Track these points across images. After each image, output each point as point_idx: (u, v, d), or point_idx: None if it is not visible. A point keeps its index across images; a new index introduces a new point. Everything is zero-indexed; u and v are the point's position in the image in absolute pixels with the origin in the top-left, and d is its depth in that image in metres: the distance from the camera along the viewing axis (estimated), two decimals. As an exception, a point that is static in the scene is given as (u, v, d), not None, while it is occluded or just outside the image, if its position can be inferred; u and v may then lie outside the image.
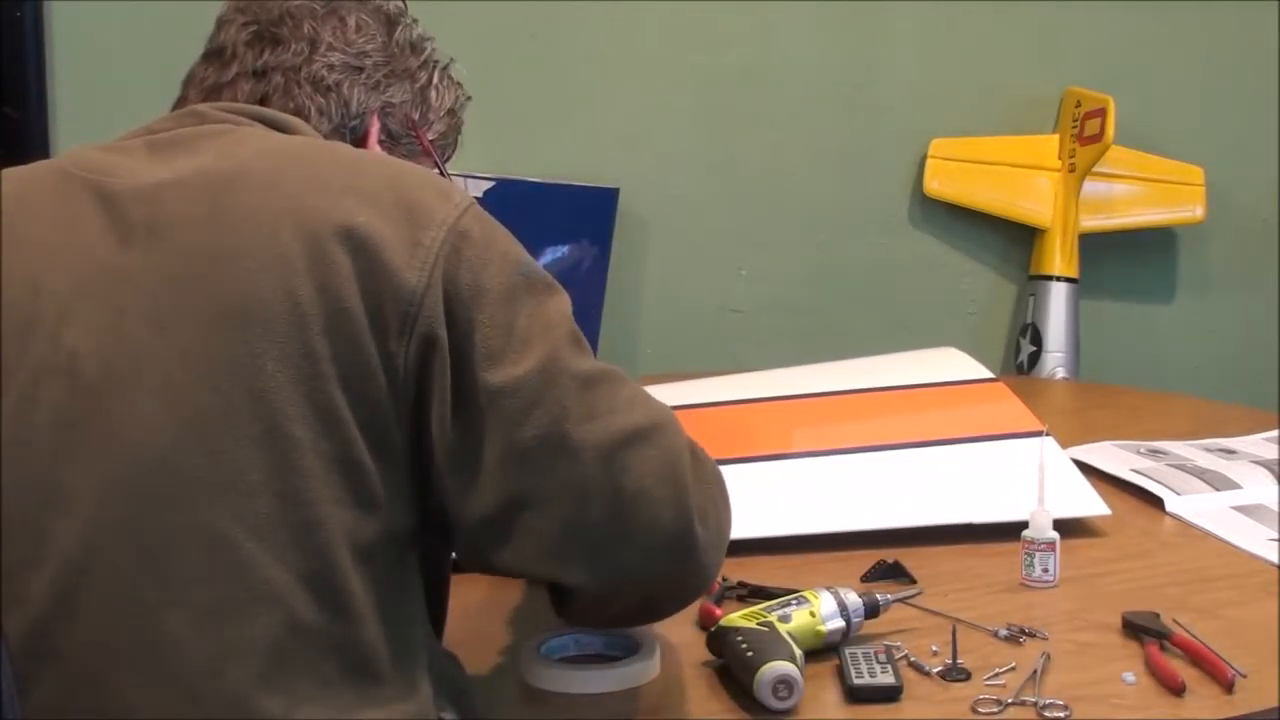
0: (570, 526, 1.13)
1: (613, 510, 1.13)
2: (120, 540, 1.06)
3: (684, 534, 1.15)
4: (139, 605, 1.06)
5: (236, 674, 1.05)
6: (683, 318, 2.78)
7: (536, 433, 1.12)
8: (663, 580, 1.19)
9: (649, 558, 1.15)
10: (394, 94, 1.34)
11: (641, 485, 1.13)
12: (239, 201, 1.12)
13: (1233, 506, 1.80)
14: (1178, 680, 1.30)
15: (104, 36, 2.47)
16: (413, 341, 1.10)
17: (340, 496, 1.08)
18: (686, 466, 1.16)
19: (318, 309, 1.08)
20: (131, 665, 1.05)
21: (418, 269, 1.10)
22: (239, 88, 1.28)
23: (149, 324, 1.09)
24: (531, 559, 1.16)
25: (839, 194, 2.84)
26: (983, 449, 1.85)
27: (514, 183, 2.56)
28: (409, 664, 1.13)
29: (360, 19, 1.33)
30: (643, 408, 1.16)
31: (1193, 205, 2.90)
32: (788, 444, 1.86)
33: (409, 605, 1.15)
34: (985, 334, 2.91)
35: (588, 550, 1.15)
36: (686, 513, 1.15)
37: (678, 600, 1.24)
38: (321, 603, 1.07)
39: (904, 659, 1.36)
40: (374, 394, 1.09)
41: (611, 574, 1.16)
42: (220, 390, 1.07)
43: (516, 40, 2.64)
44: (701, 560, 1.17)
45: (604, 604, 1.21)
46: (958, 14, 2.83)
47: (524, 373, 1.12)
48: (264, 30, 1.30)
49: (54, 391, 1.09)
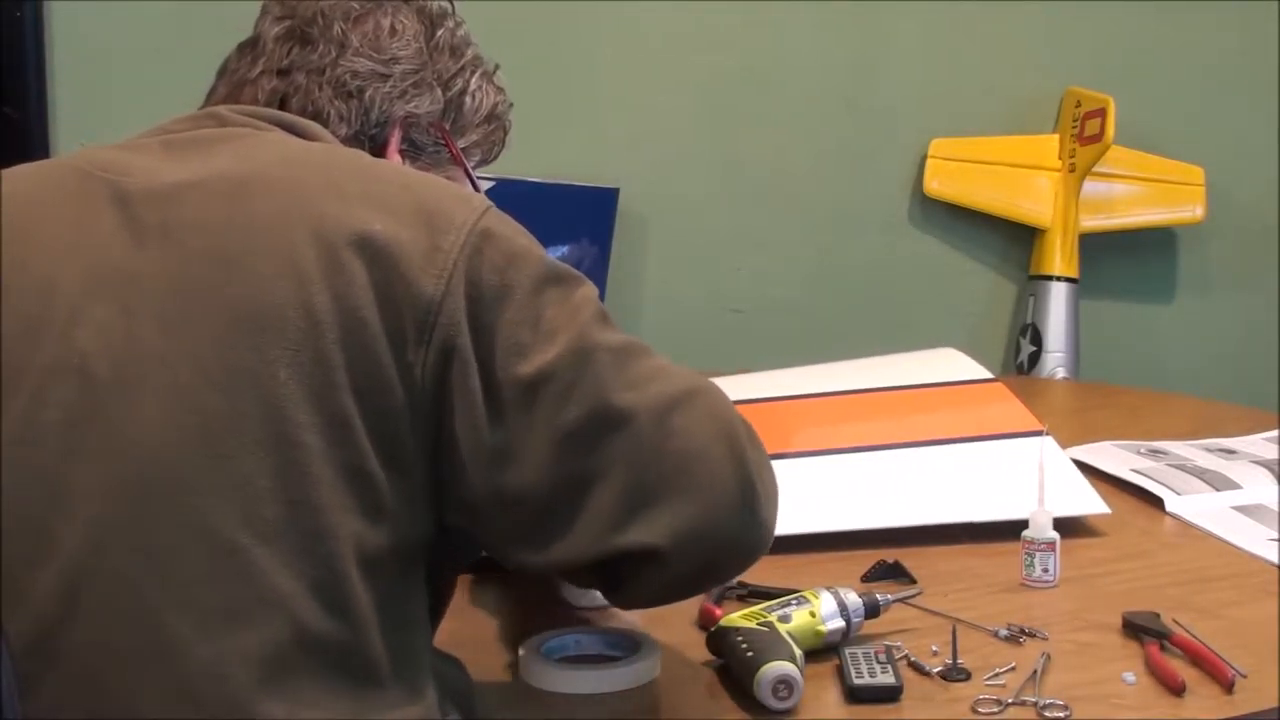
0: (632, 493, 1.12)
1: (674, 470, 1.12)
2: (125, 542, 1.06)
3: (746, 489, 1.14)
4: (142, 607, 1.05)
5: (239, 678, 1.05)
6: (683, 318, 2.78)
7: (581, 411, 1.11)
8: (727, 536, 1.16)
9: (714, 513, 1.14)
10: (420, 104, 1.32)
11: (699, 444, 1.12)
12: (255, 207, 1.11)
13: (1233, 506, 1.80)
14: (1178, 680, 1.30)
15: (104, 36, 2.47)
16: (431, 351, 1.09)
17: (349, 505, 1.08)
18: (739, 424, 1.16)
19: (333, 318, 1.08)
20: (133, 667, 1.05)
21: (435, 276, 1.10)
22: (261, 85, 1.28)
23: (159, 326, 1.09)
24: (596, 537, 1.13)
25: (839, 194, 2.84)
26: (982, 449, 1.85)
27: (514, 183, 2.56)
28: (413, 670, 1.13)
29: (398, 21, 1.32)
30: (680, 374, 1.16)
31: (1193, 205, 2.90)
32: (787, 444, 1.86)
33: (414, 612, 1.15)
34: (985, 334, 2.91)
35: (653, 512, 1.12)
36: (745, 467, 1.14)
37: (739, 559, 1.21)
38: (328, 610, 1.07)
39: (904, 659, 1.36)
40: (388, 404, 1.09)
41: (676, 532, 1.13)
42: (230, 395, 1.07)
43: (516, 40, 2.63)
44: (763, 515, 1.17)
45: (663, 571, 1.16)
46: (958, 14, 2.83)
47: (555, 356, 1.11)
48: (296, 27, 1.29)
49: (64, 391, 1.08)
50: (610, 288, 2.63)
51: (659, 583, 1.18)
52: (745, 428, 1.17)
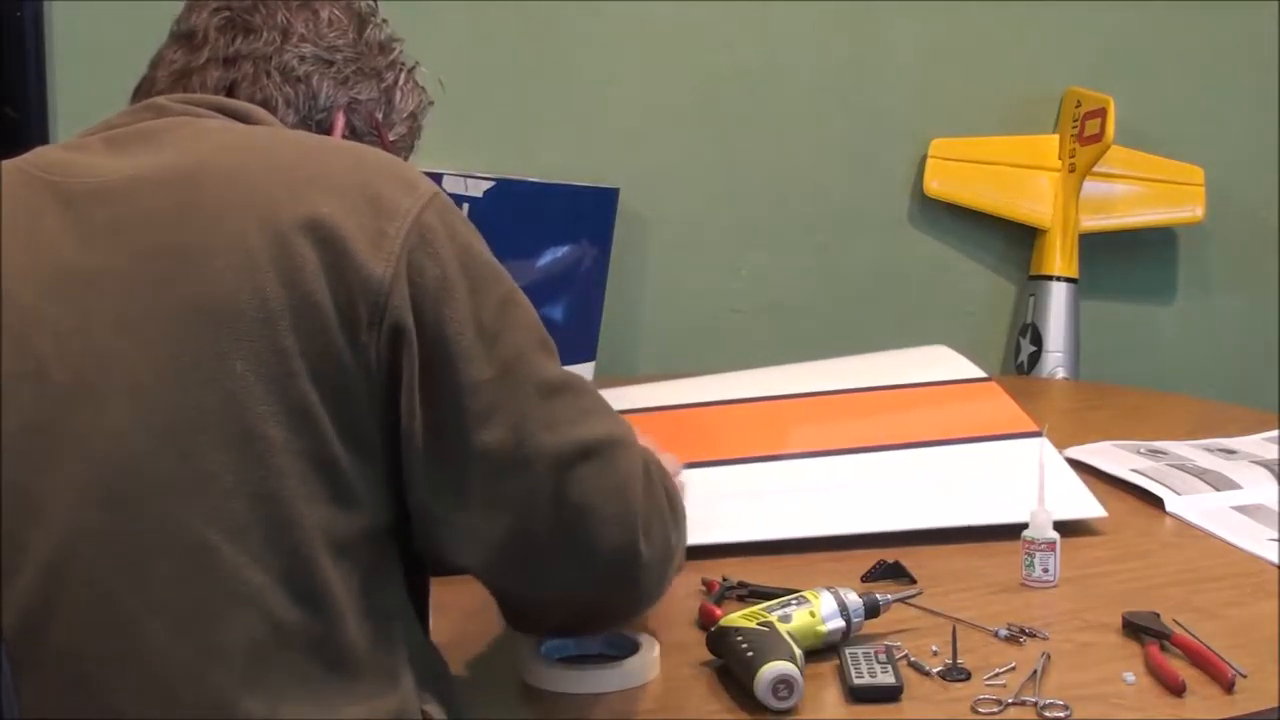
0: (515, 535, 1.14)
1: (558, 523, 1.14)
2: (96, 547, 1.05)
3: (626, 552, 1.16)
4: (117, 611, 1.05)
5: (218, 677, 1.05)
6: (683, 318, 2.78)
7: (495, 437, 1.12)
8: (601, 597, 1.21)
9: (589, 574, 1.17)
10: (361, 91, 1.33)
11: (589, 500, 1.14)
12: (202, 198, 1.11)
13: (1233, 506, 1.80)
14: (1178, 680, 1.30)
15: (104, 36, 2.47)
16: (383, 332, 1.09)
17: (316, 494, 1.08)
18: (638, 483, 1.17)
19: (285, 305, 1.07)
20: (113, 671, 1.05)
21: (384, 260, 1.09)
22: (208, 74, 1.27)
23: (115, 327, 1.08)
24: (477, 563, 1.18)
25: (839, 194, 2.84)
26: (977, 450, 1.85)
27: (514, 183, 2.56)
28: (391, 658, 1.13)
29: (333, 14, 1.32)
30: (601, 421, 1.17)
31: (1193, 205, 2.90)
32: (779, 445, 1.86)
33: (389, 599, 1.15)
34: (985, 334, 2.91)
35: (530, 561, 1.16)
36: (631, 531, 1.16)
37: (615, 617, 1.26)
38: (300, 602, 1.07)
39: (904, 659, 1.36)
40: (347, 387, 1.09)
41: (550, 587, 1.18)
42: (189, 392, 1.06)
43: (517, 40, 2.64)
44: (640, 579, 1.19)
45: (542, 615, 1.23)
46: (958, 14, 2.83)
47: (489, 376, 1.12)
48: (236, 17, 1.29)
49: (21, 398, 1.07)
50: (610, 288, 2.63)
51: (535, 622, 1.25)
52: (647, 486, 1.19)
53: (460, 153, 1.45)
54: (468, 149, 1.44)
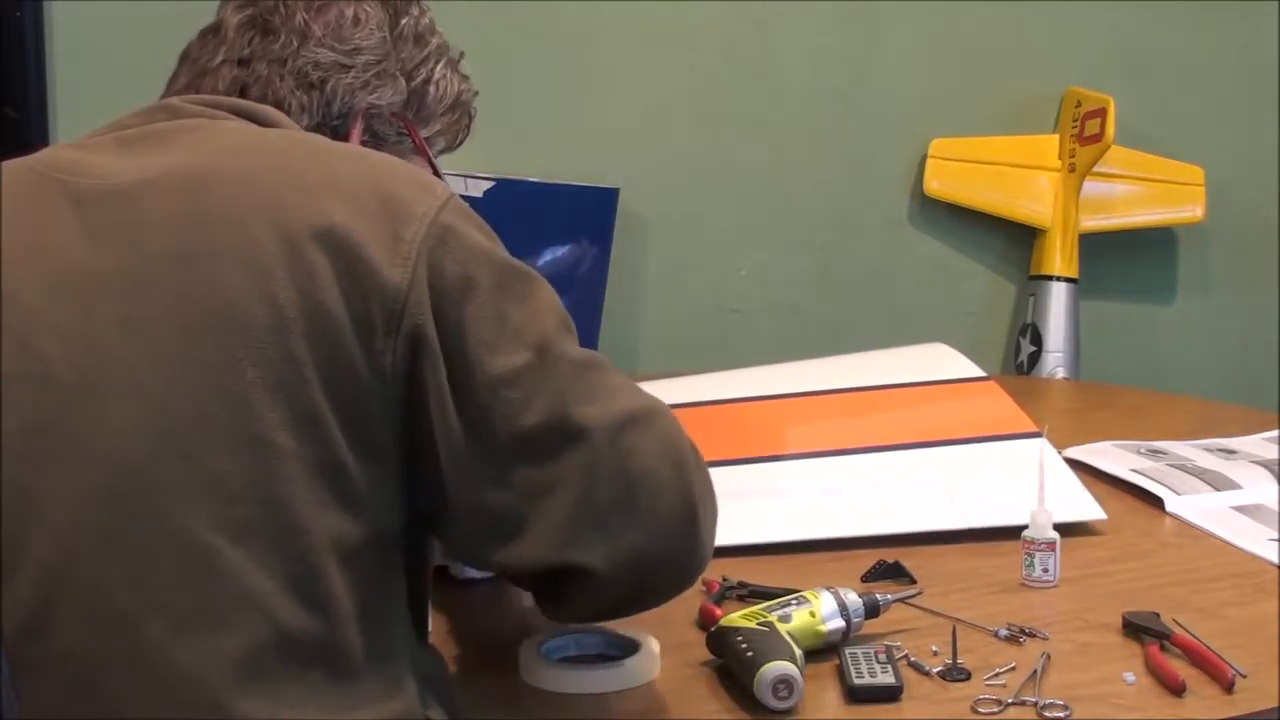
0: (580, 509, 1.12)
1: (622, 491, 1.13)
2: (97, 548, 1.05)
3: (689, 515, 1.15)
4: (117, 613, 1.05)
5: (218, 680, 1.04)
6: (683, 318, 2.78)
7: (540, 419, 1.11)
8: (665, 560, 1.18)
9: (656, 537, 1.15)
10: (383, 95, 1.31)
11: (648, 466, 1.13)
12: (212, 203, 1.10)
13: (1233, 506, 1.80)
14: (1178, 680, 1.30)
15: (104, 36, 2.47)
16: (400, 339, 1.08)
17: (323, 500, 1.07)
18: (687, 449, 1.17)
19: (297, 312, 1.06)
20: (113, 672, 1.05)
21: (400, 266, 1.09)
22: (221, 74, 1.27)
23: (121, 329, 1.07)
24: (542, 548, 1.14)
25: (839, 194, 2.84)
26: (977, 451, 1.85)
27: (514, 183, 2.56)
28: (393, 664, 1.13)
29: (361, 10, 1.30)
30: (635, 393, 1.17)
31: (1193, 205, 2.90)
32: (778, 445, 1.86)
33: (392, 605, 1.15)
34: (985, 334, 2.91)
35: (597, 532, 1.13)
36: (690, 493, 1.15)
37: (675, 583, 1.22)
38: (304, 608, 1.06)
39: (904, 659, 1.36)
40: (359, 395, 1.08)
41: (617, 554, 1.14)
42: (195, 396, 1.06)
43: (516, 40, 2.64)
44: (703, 540, 1.18)
45: (602, 591, 1.18)
46: (958, 14, 2.83)
47: (522, 362, 1.11)
48: (257, 15, 1.28)
49: (24, 398, 1.07)
50: (610, 288, 2.63)
51: (594, 601, 1.19)
52: (693, 451, 1.18)
53: (460, 153, 1.44)
54: (468, 149, 1.44)
